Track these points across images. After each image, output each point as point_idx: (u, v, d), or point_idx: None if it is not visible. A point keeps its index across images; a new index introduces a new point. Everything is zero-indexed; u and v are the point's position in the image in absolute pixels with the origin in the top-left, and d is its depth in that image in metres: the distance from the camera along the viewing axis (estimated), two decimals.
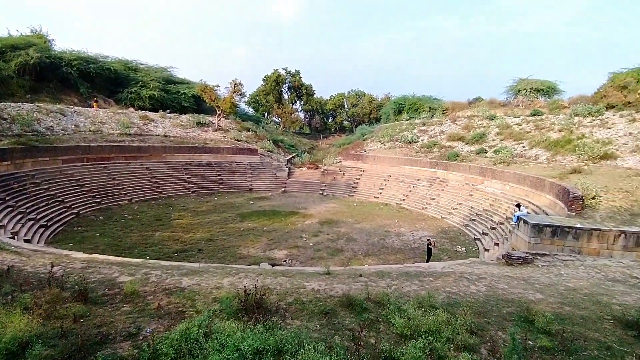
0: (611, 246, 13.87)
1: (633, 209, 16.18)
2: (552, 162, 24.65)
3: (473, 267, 11.21)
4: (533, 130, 30.49)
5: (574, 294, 8.61)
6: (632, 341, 6.31)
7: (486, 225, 21.97)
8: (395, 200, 30.95)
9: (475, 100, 43.18)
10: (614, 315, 7.24)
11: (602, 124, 26.33)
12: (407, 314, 6.69)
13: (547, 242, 14.31)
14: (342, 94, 71.53)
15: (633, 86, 27.59)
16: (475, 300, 8.01)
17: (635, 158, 21.28)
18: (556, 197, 18.91)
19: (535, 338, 6.28)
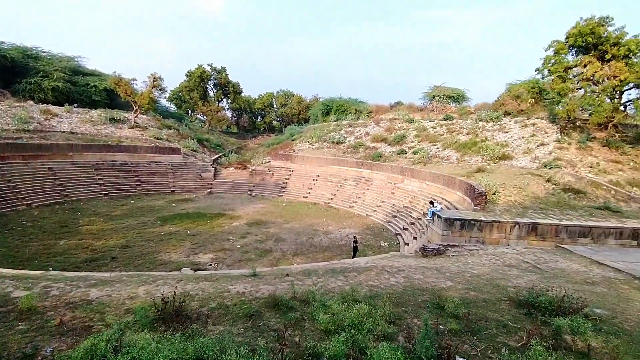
0: (508, 235, 15.76)
1: (525, 203, 18.59)
2: (461, 162, 27.27)
3: (393, 261, 11.90)
4: (446, 133, 33.41)
5: (478, 279, 9.61)
6: (524, 318, 7.23)
7: (406, 221, 23.50)
8: (323, 199, 31.59)
9: (397, 104, 46.03)
10: (509, 296, 8.22)
11: (500, 128, 29.88)
12: (332, 309, 6.85)
13: (457, 234, 15.77)
14: (271, 93, 71.09)
15: (524, 96, 31.76)
16: (394, 291, 8.50)
17: (526, 159, 24.51)
18: (465, 193, 20.94)
19: (446, 322, 6.86)
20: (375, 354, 5.24)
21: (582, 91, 24.79)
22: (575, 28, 24.03)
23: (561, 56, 24.91)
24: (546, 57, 25.50)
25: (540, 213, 17.32)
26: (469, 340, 6.28)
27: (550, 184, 20.25)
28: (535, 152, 24.89)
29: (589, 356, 5.83)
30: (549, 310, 7.13)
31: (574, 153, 23.82)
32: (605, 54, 23.34)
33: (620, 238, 15.81)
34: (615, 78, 22.73)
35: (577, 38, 23.89)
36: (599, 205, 18.41)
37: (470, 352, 5.91)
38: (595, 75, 23.44)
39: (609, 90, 23.51)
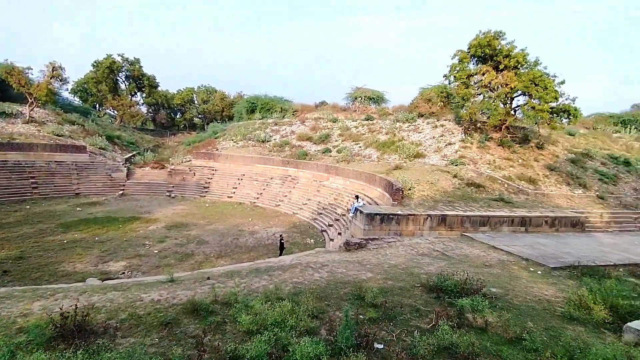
0: (422, 227, 17.08)
1: (436, 197, 20.33)
2: (381, 160, 28.85)
3: (318, 257, 12.14)
4: (367, 132, 35.04)
5: (395, 269, 10.25)
6: (433, 302, 7.88)
7: (331, 217, 24.15)
8: (249, 198, 30.99)
9: (321, 104, 46.98)
10: (421, 282, 8.91)
11: (415, 129, 32.29)
12: (255, 309, 6.73)
13: (377, 228, 16.63)
14: (192, 89, 67.50)
15: (435, 100, 34.76)
16: (318, 286, 8.67)
17: (436, 157, 26.84)
18: (384, 189, 22.21)
19: (365, 312, 7.19)
20: (297, 349, 5.28)
21: (482, 96, 27.89)
22: (476, 40, 26.92)
23: (464, 64, 27.72)
24: (452, 65, 28.16)
25: (448, 206, 19.08)
26: (386, 326, 6.66)
27: (457, 180, 22.44)
28: (444, 151, 27.37)
29: (486, 330, 6.56)
30: (454, 293, 7.89)
31: (475, 151, 26.71)
32: (500, 64, 26.55)
33: (512, 225, 18.15)
34: (507, 86, 25.99)
35: (477, 49, 26.80)
36: (495, 197, 20.89)
37: (387, 337, 6.26)
38: (491, 82, 26.55)
39: (502, 96, 26.82)
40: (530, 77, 25.17)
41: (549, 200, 21.95)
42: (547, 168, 25.81)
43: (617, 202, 23.26)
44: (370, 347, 5.74)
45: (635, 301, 8.24)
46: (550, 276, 10.64)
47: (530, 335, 6.33)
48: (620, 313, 7.47)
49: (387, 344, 5.95)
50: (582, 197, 23.01)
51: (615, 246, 15.48)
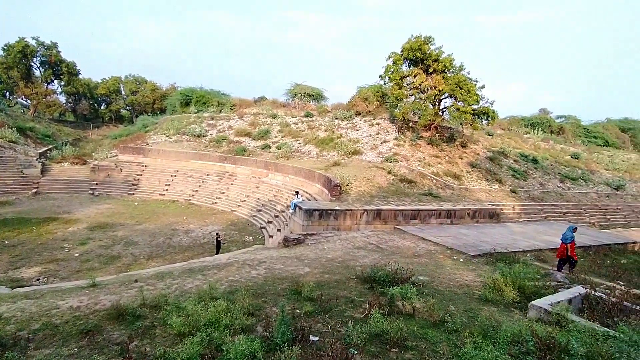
0: (358, 222, 17.69)
1: (372, 192, 21.17)
2: (320, 157, 29.28)
3: (256, 254, 12.01)
4: (306, 129, 35.29)
5: (332, 263, 10.52)
6: (367, 292, 8.23)
7: (271, 214, 23.99)
8: (183, 196, 29.57)
9: (260, 99, 46.27)
10: (356, 275, 9.25)
11: (352, 126, 33.25)
12: (187, 311, 6.47)
13: (316, 223, 16.87)
14: (118, 78, 62.47)
15: (371, 99, 36.06)
16: (255, 283, 8.59)
17: (372, 153, 27.92)
18: (323, 185, 22.58)
19: (302, 306, 7.28)
20: (231, 348, 5.19)
21: (413, 97, 29.55)
22: (408, 43, 28.41)
23: (398, 66, 29.11)
24: (387, 66, 29.43)
25: (383, 200, 19.98)
26: (322, 319, 6.81)
27: (391, 176, 23.57)
28: (379, 148, 28.56)
29: (414, 316, 7.02)
30: (386, 282, 8.32)
31: (407, 149, 28.26)
32: (429, 67, 28.33)
33: (439, 218, 19.55)
34: (435, 88, 27.85)
35: (409, 52, 28.30)
36: (425, 192, 22.32)
37: (322, 329, 6.41)
38: (422, 84, 28.23)
39: (432, 98, 28.69)
40: (455, 80, 27.23)
41: (471, 194, 24.01)
42: (469, 165, 28.18)
43: (527, 195, 26.18)
44: (306, 340, 5.83)
45: (538, 282, 9.37)
46: (471, 263, 11.68)
47: (452, 317, 6.90)
48: (526, 293, 8.45)
49: (323, 336, 6.10)
50: (498, 191, 25.51)
51: (524, 234, 17.45)
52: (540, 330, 5.77)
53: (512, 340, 5.68)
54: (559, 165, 33.61)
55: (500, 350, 5.38)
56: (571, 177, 31.37)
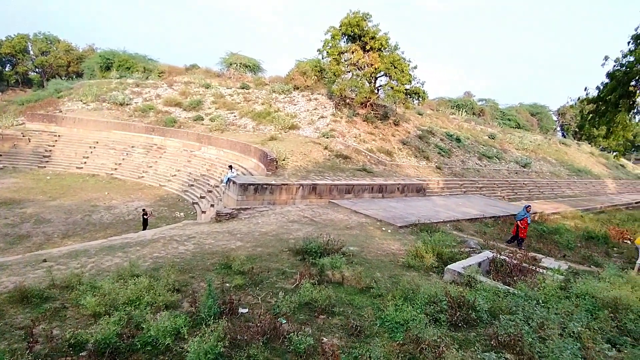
0: (294, 196, 17.76)
1: (308, 167, 21.29)
2: (256, 131, 28.57)
3: (185, 229, 11.51)
4: (242, 101, 34.02)
5: (265, 236, 10.47)
6: (299, 264, 8.35)
7: (203, 189, 23.07)
8: (105, 170, 27.11)
9: (192, 67, 43.31)
10: (289, 247, 9.32)
11: (290, 101, 32.77)
12: (103, 290, 6.00)
13: (251, 198, 16.61)
14: (25, 36, 54.10)
15: (309, 73, 35.67)
16: (182, 259, 8.24)
17: (310, 129, 27.93)
18: (259, 160, 22.17)
19: (232, 280, 7.17)
20: (152, 325, 4.94)
21: (351, 74, 29.83)
22: (346, 18, 28.31)
23: (336, 41, 29.01)
24: (325, 41, 29.17)
25: (319, 175, 20.23)
26: (252, 291, 6.78)
27: (327, 151, 23.87)
28: (317, 124, 28.63)
29: (342, 284, 7.30)
30: (318, 254, 8.50)
31: (344, 125, 28.72)
32: (366, 44, 28.64)
33: (372, 192, 20.39)
34: (372, 66, 28.35)
35: (347, 28, 28.26)
36: (359, 167, 23.02)
37: (252, 302, 6.39)
38: (359, 61, 28.54)
39: (368, 75, 29.20)
40: (391, 59, 27.94)
41: (401, 170, 25.32)
42: (401, 142, 29.55)
43: (450, 171, 28.32)
44: (235, 313, 5.77)
45: (454, 249, 10.29)
46: (397, 233, 12.42)
47: (377, 283, 7.31)
48: (443, 259, 9.23)
49: (252, 307, 6.08)
50: (425, 167, 27.22)
51: (445, 207, 18.95)
52: (453, 291, 6.34)
53: (429, 301, 6.17)
54: (478, 144, 36.71)
55: (417, 310, 5.83)
56: (488, 156, 34.51)
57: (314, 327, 5.51)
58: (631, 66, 14.80)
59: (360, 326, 5.47)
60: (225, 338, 4.67)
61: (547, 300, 6.11)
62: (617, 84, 15.10)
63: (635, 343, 5.06)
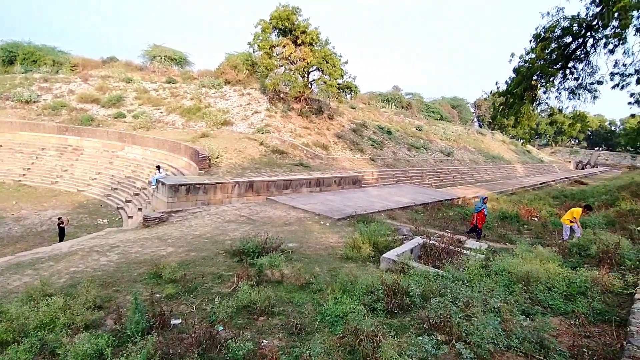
0: (230, 195, 17.21)
1: (244, 164, 20.75)
2: (186, 128, 27.11)
3: (108, 238, 10.54)
4: (169, 97, 32.02)
5: (200, 239, 9.98)
6: (236, 265, 8.08)
7: (129, 192, 21.38)
8: (11, 176, 23.82)
9: (111, 60, 39.73)
10: (225, 249, 8.99)
11: (222, 95, 31.59)
12: (9, 315, 5.24)
13: (183, 199, 15.76)
14: None
15: (241, 67, 34.67)
16: (104, 272, 7.53)
17: (244, 124, 27.22)
18: (190, 158, 21.08)
19: (162, 289, 6.71)
20: (70, 350, 4.42)
21: (283, 68, 29.56)
22: (276, 12, 27.91)
23: (267, 34, 28.50)
24: (255, 34, 28.51)
25: (255, 172, 19.84)
26: (185, 300, 6.41)
27: (263, 147, 23.47)
28: (251, 119, 27.99)
29: (282, 282, 7.21)
30: (256, 253, 8.31)
31: (279, 120, 28.46)
32: (298, 39, 28.54)
33: (310, 186, 20.51)
34: (304, 60, 28.36)
35: (278, 21, 27.89)
36: (296, 162, 23.02)
37: (186, 311, 6.04)
38: (291, 56, 28.37)
39: (301, 70, 29.18)
40: (322, 54, 28.19)
41: (337, 163, 25.83)
42: (336, 136, 30.11)
43: (383, 162, 29.56)
44: (166, 325, 5.40)
45: (389, 237, 10.74)
46: (335, 226, 12.64)
47: (316, 278, 7.34)
48: (379, 248, 9.57)
49: (186, 317, 5.75)
50: (360, 159, 28.09)
51: (380, 197, 19.76)
52: (388, 279, 6.58)
53: (366, 291, 6.34)
54: (407, 136, 38.79)
55: (356, 301, 5.96)
56: (416, 146, 36.65)
57: (253, 331, 5.36)
58: (533, 62, 16.58)
59: (300, 324, 5.44)
60: (155, 354, 4.35)
61: (471, 280, 6.61)
62: (522, 78, 16.83)
63: (545, 311, 5.69)
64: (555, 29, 16.15)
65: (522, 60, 16.97)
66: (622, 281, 6.46)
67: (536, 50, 16.23)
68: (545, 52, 16.39)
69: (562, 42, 16.63)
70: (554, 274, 6.70)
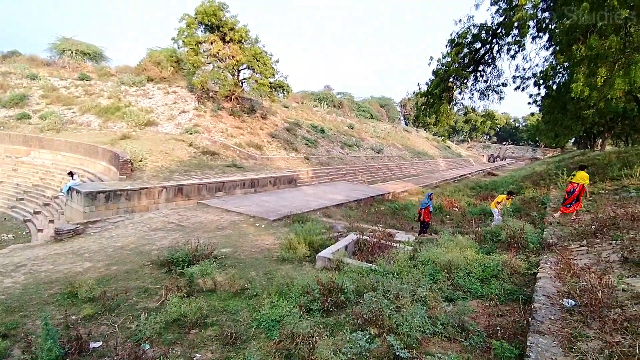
0: (157, 200, 16.17)
1: (171, 167, 19.61)
2: (104, 129, 24.82)
3: (12, 256, 9.25)
4: (83, 95, 29.04)
5: (122, 251, 9.20)
6: (164, 277, 7.60)
7: (38, 202, 18.99)
8: None
9: (12, 55, 34.87)
10: (152, 260, 8.40)
11: (144, 94, 29.44)
12: None
13: (102, 208, 14.44)
14: None
15: (164, 64, 32.60)
16: (9, 295, 6.61)
17: (170, 125, 25.70)
18: (109, 162, 19.35)
19: (79, 310, 6.07)
20: None
21: (212, 66, 28.48)
22: (202, 7, 26.76)
23: (192, 30, 27.19)
24: (180, 29, 27.04)
25: (185, 175, 18.86)
26: (106, 320, 5.86)
27: (192, 148, 22.40)
28: (178, 119, 26.52)
29: (215, 290, 6.94)
30: (186, 262, 7.89)
31: (209, 120, 27.37)
32: (226, 35, 27.67)
33: (244, 188, 20.07)
34: (233, 58, 27.60)
35: (204, 16, 26.76)
36: (228, 163, 22.35)
37: (108, 332, 5.53)
38: (219, 53, 27.43)
39: (230, 68, 28.36)
40: (252, 52, 27.69)
41: (272, 163, 25.62)
42: (270, 135, 29.83)
43: (317, 161, 30.00)
44: (85, 350, 4.90)
45: (324, 235, 10.91)
46: (271, 227, 12.52)
47: (252, 283, 7.19)
48: (315, 247, 9.68)
49: (107, 339, 5.26)
50: (295, 159, 28.17)
51: (315, 195, 20.02)
52: (323, 278, 6.68)
53: (302, 292, 6.37)
54: (340, 134, 39.84)
55: (292, 303, 5.96)
56: (348, 144, 37.79)
57: (184, 346, 5.08)
58: (449, 65, 18.04)
59: (236, 333, 5.29)
60: None
61: (400, 272, 6.98)
62: (439, 80, 18.22)
63: (465, 296, 6.21)
64: (466, 35, 17.71)
65: (440, 64, 18.35)
66: (527, 262, 7.31)
67: (451, 55, 17.66)
68: (459, 57, 17.91)
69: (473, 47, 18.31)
70: (471, 260, 7.35)
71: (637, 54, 11.10)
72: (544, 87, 19.98)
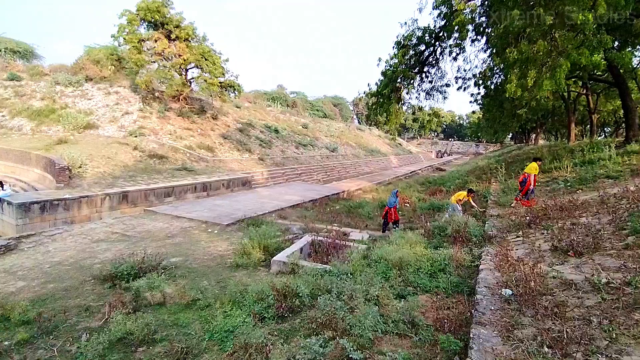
0: (99, 209, 15.17)
1: (115, 173, 18.47)
2: (37, 133, 22.80)
3: None
4: (13, 96, 26.41)
5: (60, 267, 8.52)
6: (108, 293, 7.13)
7: None
8: None
9: None
10: (94, 275, 7.85)
11: (83, 94, 27.39)
12: None
13: (37, 220, 13.32)
14: None
15: (105, 62, 30.57)
16: None
17: (113, 127, 24.18)
18: (44, 170, 17.84)
19: (12, 335, 5.54)
20: None
21: (157, 65, 27.16)
22: (144, 3, 25.41)
23: (134, 27, 25.75)
24: (120, 26, 25.51)
25: (130, 181, 17.85)
26: (44, 343, 5.40)
27: (138, 152, 21.24)
28: (121, 121, 25.01)
29: (165, 304, 6.64)
30: (132, 275, 7.47)
31: (155, 122, 26.11)
32: (171, 33, 26.52)
33: (195, 192, 19.41)
34: (180, 57, 26.54)
35: (147, 13, 25.43)
36: (178, 166, 21.48)
37: (45, 356, 5.10)
38: (165, 51, 26.23)
39: (177, 67, 27.24)
40: (200, 51, 26.80)
41: (225, 165, 25.00)
42: (221, 137, 29.07)
43: (272, 161, 29.73)
44: None
45: (280, 238, 10.85)
46: (225, 233, 12.22)
47: (204, 293, 6.97)
48: (270, 251, 9.58)
49: None
50: (248, 160, 27.71)
51: (270, 197, 19.84)
52: (278, 283, 6.62)
53: (257, 299, 6.27)
54: (294, 134, 39.79)
55: (246, 312, 5.87)
56: (303, 144, 37.85)
57: None
58: (396, 67, 18.67)
59: (187, 347, 5.10)
60: None
61: (354, 272, 7.11)
62: (388, 81, 18.79)
63: (415, 291, 6.46)
64: (412, 37, 18.42)
65: (388, 65, 18.93)
66: (471, 255, 7.76)
67: (398, 56, 18.28)
68: (406, 58, 18.59)
69: (418, 49, 19.10)
70: (420, 256, 7.66)
71: (562, 58, 12.17)
72: (483, 87, 21.34)
